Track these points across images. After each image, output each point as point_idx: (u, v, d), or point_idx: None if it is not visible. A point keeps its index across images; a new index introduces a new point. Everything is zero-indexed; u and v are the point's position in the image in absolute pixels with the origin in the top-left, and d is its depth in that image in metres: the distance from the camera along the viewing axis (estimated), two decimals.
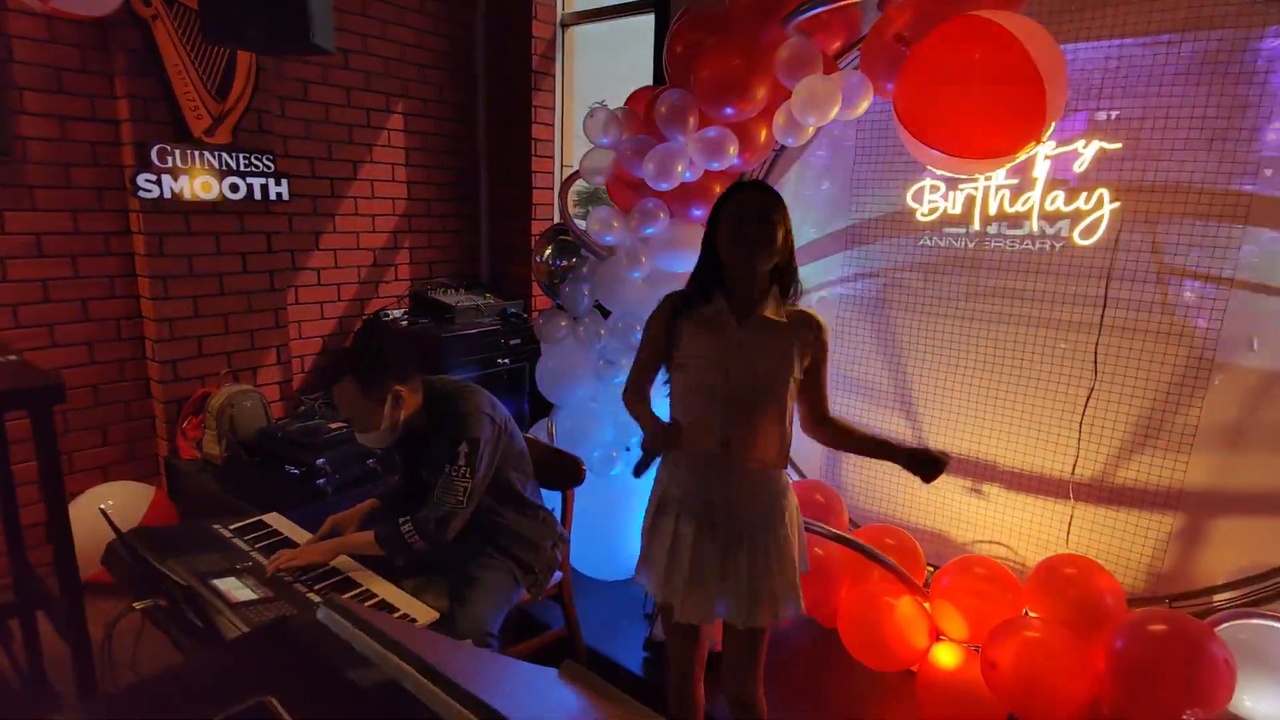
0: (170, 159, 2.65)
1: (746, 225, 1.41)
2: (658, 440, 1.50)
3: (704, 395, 1.47)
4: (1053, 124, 1.75)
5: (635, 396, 1.60)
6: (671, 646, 1.67)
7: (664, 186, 2.27)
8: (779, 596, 1.47)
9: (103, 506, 1.98)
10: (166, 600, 1.56)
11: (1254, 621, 1.84)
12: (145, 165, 2.60)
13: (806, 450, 2.74)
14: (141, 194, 2.60)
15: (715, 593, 1.49)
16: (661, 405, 1.60)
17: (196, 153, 2.72)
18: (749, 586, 1.47)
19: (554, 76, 3.76)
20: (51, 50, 2.47)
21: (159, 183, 2.63)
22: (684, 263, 2.43)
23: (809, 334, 1.48)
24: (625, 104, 2.51)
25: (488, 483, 1.84)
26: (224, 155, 2.80)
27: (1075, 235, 2.07)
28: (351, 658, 0.58)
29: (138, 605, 1.60)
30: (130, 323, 2.80)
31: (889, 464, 1.47)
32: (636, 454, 1.52)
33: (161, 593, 1.57)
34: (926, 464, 1.45)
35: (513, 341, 3.48)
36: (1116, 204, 2.01)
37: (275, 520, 2.03)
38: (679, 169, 2.23)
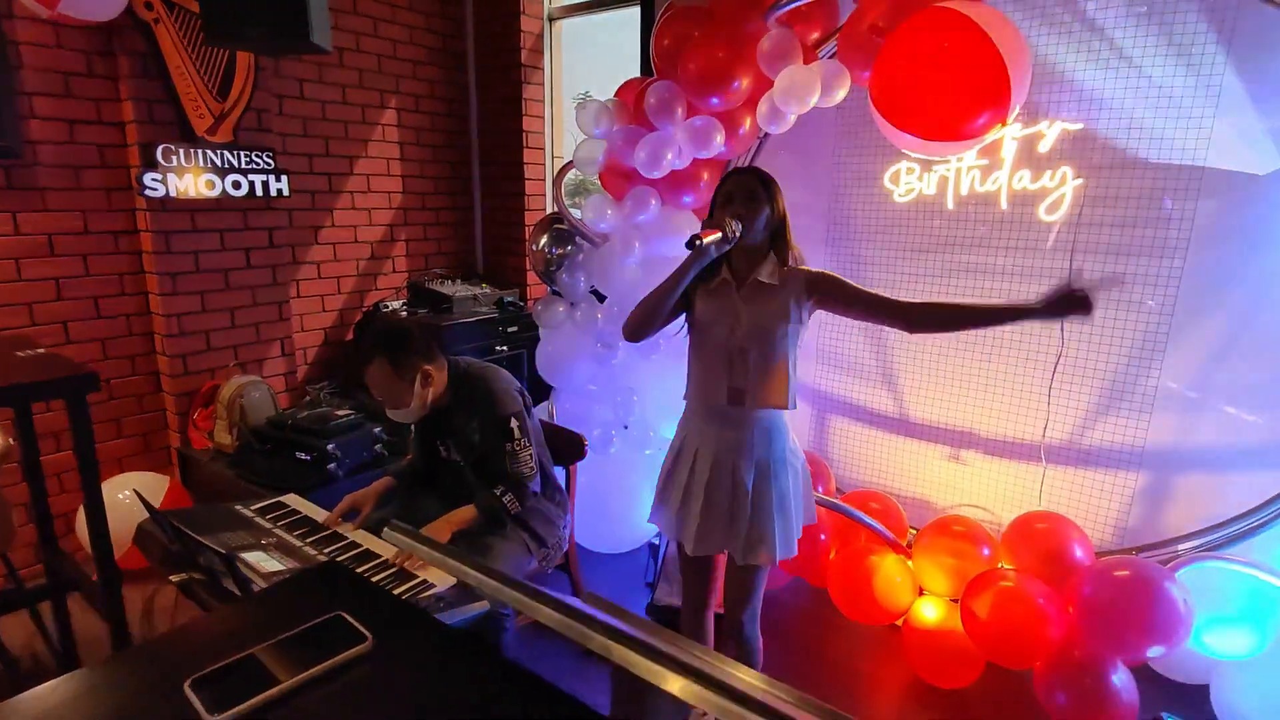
0: (175, 158, 2.73)
1: (733, 207, 1.61)
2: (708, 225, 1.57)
3: (714, 352, 1.67)
4: (1017, 107, 1.87)
5: None
6: (685, 580, 1.87)
7: (655, 174, 2.38)
8: (775, 540, 1.66)
9: (134, 490, 2.08)
10: (203, 572, 1.67)
11: (1211, 564, 1.99)
12: (151, 165, 2.68)
13: (796, 424, 2.87)
14: (148, 193, 2.68)
15: (721, 531, 1.68)
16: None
17: (199, 152, 2.80)
18: (749, 530, 1.66)
19: (543, 70, 3.85)
20: (59, 56, 2.55)
21: (164, 182, 2.71)
22: (676, 247, 2.55)
23: (799, 284, 1.65)
24: (615, 95, 2.61)
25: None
26: (226, 154, 2.88)
27: (1041, 211, 2.20)
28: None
29: (174, 579, 1.71)
30: (140, 319, 2.89)
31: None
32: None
33: (197, 566, 1.68)
34: (1072, 303, 1.39)
35: (510, 329, 3.59)
36: (1079, 181, 2.14)
37: (294, 500, 2.13)
38: (669, 157, 2.34)
